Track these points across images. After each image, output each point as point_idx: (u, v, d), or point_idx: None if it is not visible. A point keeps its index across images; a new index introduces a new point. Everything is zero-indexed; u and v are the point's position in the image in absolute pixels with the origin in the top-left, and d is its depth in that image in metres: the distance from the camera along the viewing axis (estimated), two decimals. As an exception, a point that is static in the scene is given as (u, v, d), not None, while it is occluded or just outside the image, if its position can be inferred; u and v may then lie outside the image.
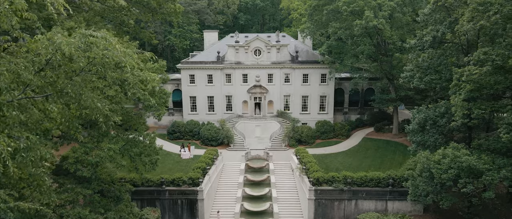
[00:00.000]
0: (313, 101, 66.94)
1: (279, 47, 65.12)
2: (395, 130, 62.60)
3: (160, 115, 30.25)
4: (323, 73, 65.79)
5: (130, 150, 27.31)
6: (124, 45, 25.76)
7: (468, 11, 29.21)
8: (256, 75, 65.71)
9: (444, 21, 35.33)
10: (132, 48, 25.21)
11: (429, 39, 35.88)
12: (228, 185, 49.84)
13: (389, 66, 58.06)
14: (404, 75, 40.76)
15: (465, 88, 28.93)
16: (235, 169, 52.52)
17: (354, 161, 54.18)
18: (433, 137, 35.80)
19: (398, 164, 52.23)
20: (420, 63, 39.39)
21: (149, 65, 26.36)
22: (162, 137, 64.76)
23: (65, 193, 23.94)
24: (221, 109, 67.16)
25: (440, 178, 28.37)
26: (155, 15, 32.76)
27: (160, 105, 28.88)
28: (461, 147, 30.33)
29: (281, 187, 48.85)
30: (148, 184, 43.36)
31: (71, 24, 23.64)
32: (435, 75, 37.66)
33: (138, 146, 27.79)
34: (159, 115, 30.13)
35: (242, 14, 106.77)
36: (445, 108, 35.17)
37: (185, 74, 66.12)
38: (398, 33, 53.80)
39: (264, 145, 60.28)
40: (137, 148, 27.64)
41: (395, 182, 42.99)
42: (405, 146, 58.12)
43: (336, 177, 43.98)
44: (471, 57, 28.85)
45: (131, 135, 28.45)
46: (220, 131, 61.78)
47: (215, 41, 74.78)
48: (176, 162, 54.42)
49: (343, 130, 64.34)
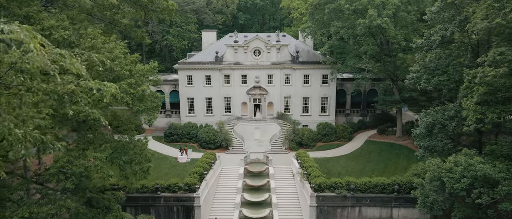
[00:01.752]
0: (314, 103, 65.09)
1: (279, 47, 63.28)
2: (398, 133, 60.74)
3: (151, 120, 28.35)
4: (324, 74, 63.92)
5: (119, 158, 25.45)
6: (110, 45, 24.05)
7: (482, 8, 27.35)
8: (255, 76, 63.87)
9: (454, 19, 33.44)
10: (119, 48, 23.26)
11: (437, 38, 33.99)
12: (226, 191, 47.98)
13: (392, 66, 56.19)
14: (410, 76, 38.87)
15: (478, 90, 27.06)
16: (233, 174, 50.66)
17: (357, 165, 52.38)
18: (442, 142, 33.92)
19: (403, 168, 50.44)
20: (427, 63, 37.50)
21: (139, 67, 24.47)
22: (158, 140, 63.10)
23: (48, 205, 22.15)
24: (220, 111, 65.30)
25: (452, 187, 26.49)
26: (147, 13, 30.92)
27: (151, 110, 27.00)
28: (474, 154, 28.44)
29: (282, 193, 46.99)
30: (142, 190, 41.54)
31: (51, 23, 21.76)
32: (443, 76, 35.77)
33: (128, 154, 25.90)
34: (150, 120, 28.23)
35: (242, 14, 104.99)
36: (455, 111, 33.28)
37: (183, 75, 64.27)
38: (402, 32, 51.90)
39: (263, 148, 58.42)
40: (127, 155, 25.72)
41: (400, 188, 41.17)
42: (409, 149, 56.37)
43: (339, 183, 42.15)
44: (486, 58, 26.96)
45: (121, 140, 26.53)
46: (219, 134, 59.93)
47: (213, 41, 72.98)
48: (172, 166, 52.62)
49: (345, 132, 62.48)
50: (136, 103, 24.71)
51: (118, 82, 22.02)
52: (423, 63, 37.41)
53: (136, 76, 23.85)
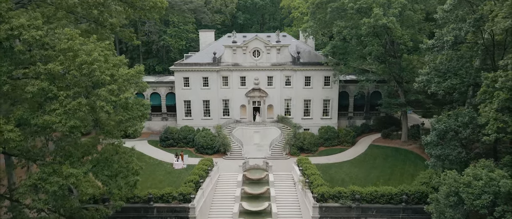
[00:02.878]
0: (316, 106, 62.59)
1: (279, 47, 60.80)
2: (404, 137, 58.21)
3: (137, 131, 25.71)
4: (326, 76, 61.45)
5: (101, 173, 22.94)
6: (89, 46, 21.47)
7: (506, 5, 24.86)
8: (254, 78, 61.39)
9: (468, 18, 30.93)
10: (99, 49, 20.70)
11: (450, 38, 31.46)
12: (223, 200, 45.50)
13: (398, 68, 53.61)
14: (419, 79, 36.35)
15: (499, 96, 24.59)
16: (231, 181, 48.21)
17: (361, 172, 49.93)
18: (455, 150, 31.41)
19: (410, 175, 47.99)
20: (437, 66, 35.00)
21: (123, 71, 21.89)
22: (154, 144, 60.68)
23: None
24: (218, 114, 62.81)
25: (472, 204, 24.02)
26: (135, 11, 28.40)
27: (137, 119, 24.37)
28: (494, 166, 25.94)
29: (282, 202, 44.51)
30: (134, 200, 39.04)
31: (21, 22, 19.27)
32: (455, 79, 33.29)
33: (111, 167, 23.36)
34: (135, 131, 25.57)
35: (241, 13, 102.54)
36: (469, 118, 30.76)
37: (179, 76, 61.79)
38: (409, 32, 49.40)
39: (263, 153, 55.96)
40: (110, 170, 23.15)
41: (409, 198, 38.68)
42: (416, 155, 53.87)
43: (343, 193, 39.67)
44: (509, 60, 24.48)
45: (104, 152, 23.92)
46: (216, 138, 57.43)
47: (211, 42, 70.50)
48: (167, 173, 50.20)
49: (348, 136, 59.97)
50: (119, 111, 22.22)
51: (98, 88, 19.60)
52: (434, 65, 34.88)
53: (119, 81, 21.34)
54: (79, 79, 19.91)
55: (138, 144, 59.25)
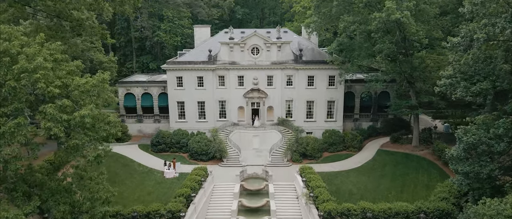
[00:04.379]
0: (320, 107, 58.00)
1: (280, 44, 56.08)
2: (415, 142, 53.66)
3: (99, 156, 20.78)
4: (331, 75, 56.84)
5: (55, 208, 18.25)
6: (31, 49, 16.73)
7: None
8: (253, 77, 56.71)
9: (505, 12, 26.29)
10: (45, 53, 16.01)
11: (482, 36, 26.87)
12: (218, 214, 41.07)
13: (409, 67, 48.80)
14: (442, 83, 31.69)
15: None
16: (227, 192, 43.79)
17: (369, 182, 45.53)
18: (487, 167, 26.92)
19: (424, 186, 43.61)
20: (462, 67, 30.39)
21: (80, 80, 17.10)
22: (145, 149, 56.25)
23: None
24: (214, 116, 58.24)
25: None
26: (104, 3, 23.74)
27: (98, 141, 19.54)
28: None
29: (283, 217, 40.07)
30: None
31: None
32: (484, 83, 28.70)
33: (69, 199, 18.60)
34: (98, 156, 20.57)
35: (239, 8, 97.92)
36: (504, 129, 26.21)
37: (172, 76, 57.15)
38: (424, 28, 44.70)
39: (262, 159, 51.47)
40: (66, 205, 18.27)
41: (427, 217, 34.22)
42: (429, 162, 49.36)
43: (353, 210, 35.27)
44: None
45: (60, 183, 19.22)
46: (212, 144, 52.90)
47: (207, 38, 65.78)
48: (158, 183, 45.82)
49: (354, 141, 55.41)
50: (73, 134, 17.47)
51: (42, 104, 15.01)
52: (459, 66, 30.26)
53: (75, 93, 16.67)
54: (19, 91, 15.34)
55: (128, 149, 54.99)
